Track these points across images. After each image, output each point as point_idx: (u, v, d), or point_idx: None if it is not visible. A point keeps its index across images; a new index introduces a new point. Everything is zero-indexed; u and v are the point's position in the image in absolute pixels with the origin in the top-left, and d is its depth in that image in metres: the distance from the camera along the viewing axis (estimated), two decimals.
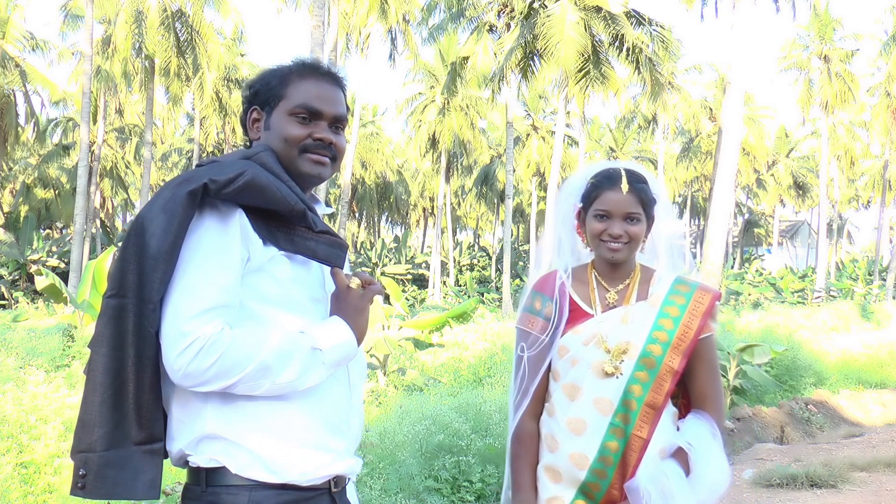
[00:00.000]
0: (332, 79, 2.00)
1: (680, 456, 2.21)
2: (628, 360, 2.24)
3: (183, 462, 1.83)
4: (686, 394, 2.35)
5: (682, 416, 2.34)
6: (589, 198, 2.34)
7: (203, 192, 1.74)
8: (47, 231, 45.00)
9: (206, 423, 1.77)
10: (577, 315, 2.32)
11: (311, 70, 1.98)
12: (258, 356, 1.72)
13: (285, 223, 1.85)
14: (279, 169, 1.88)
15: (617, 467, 2.21)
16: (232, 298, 1.75)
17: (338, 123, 1.98)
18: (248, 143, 2.04)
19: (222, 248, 1.75)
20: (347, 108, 2.02)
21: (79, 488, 1.73)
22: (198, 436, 1.77)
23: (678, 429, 2.29)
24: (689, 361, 2.26)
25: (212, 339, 1.68)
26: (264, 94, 1.97)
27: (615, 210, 2.28)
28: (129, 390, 1.72)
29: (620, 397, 2.22)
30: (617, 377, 2.23)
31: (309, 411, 1.82)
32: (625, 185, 2.29)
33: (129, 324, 1.70)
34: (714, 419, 2.26)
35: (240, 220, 1.78)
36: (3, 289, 31.36)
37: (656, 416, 2.22)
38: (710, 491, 2.19)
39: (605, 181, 2.33)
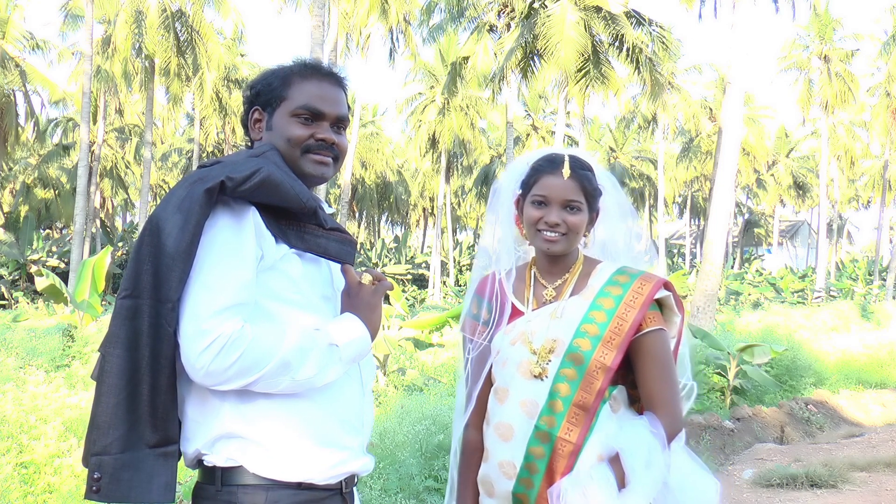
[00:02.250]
0: (333, 79, 2.00)
1: (615, 462, 1.99)
2: (556, 358, 2.05)
3: (197, 462, 1.82)
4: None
5: None
6: (528, 184, 2.16)
7: (219, 189, 1.73)
8: (47, 231, 44.96)
9: (224, 422, 1.76)
10: (513, 315, 2.16)
11: (312, 71, 1.98)
12: (278, 353, 1.71)
13: (295, 221, 1.84)
14: (286, 168, 1.88)
15: (544, 475, 2.01)
16: (249, 296, 1.74)
17: (340, 124, 1.98)
18: (248, 144, 2.04)
19: (238, 245, 1.75)
20: (348, 108, 2.02)
21: (94, 492, 1.72)
22: (215, 435, 1.77)
23: None
24: (633, 359, 2.07)
25: (232, 336, 1.67)
26: (266, 94, 1.97)
27: (553, 196, 2.09)
28: (144, 392, 1.71)
29: (546, 398, 2.03)
30: (543, 379, 2.05)
31: (325, 409, 1.82)
32: (566, 171, 2.10)
33: (143, 324, 1.69)
34: (663, 423, 2.01)
35: (253, 218, 1.77)
36: (3, 289, 31.35)
37: (587, 419, 2.01)
38: (651, 491, 1.97)
39: (545, 165, 2.14)
